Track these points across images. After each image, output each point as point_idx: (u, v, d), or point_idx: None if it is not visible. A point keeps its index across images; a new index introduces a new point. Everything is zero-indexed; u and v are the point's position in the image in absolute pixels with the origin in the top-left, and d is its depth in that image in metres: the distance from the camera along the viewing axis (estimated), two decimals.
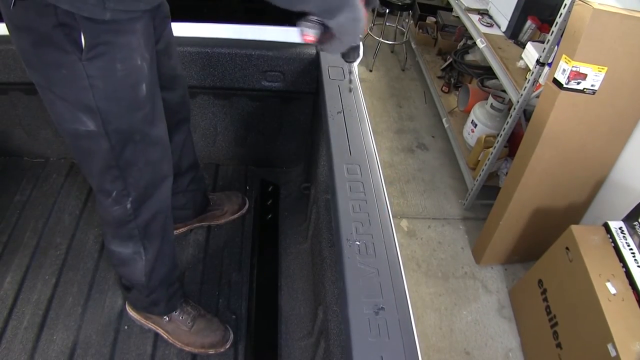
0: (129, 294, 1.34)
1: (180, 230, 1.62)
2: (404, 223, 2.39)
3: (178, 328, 1.33)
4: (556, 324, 1.67)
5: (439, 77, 3.20)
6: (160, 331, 1.35)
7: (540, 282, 1.81)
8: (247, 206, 1.73)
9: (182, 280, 1.44)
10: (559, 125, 1.66)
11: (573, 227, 1.62)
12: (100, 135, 0.92)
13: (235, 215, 1.70)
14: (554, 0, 2.16)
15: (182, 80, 1.29)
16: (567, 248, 1.63)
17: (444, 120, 2.88)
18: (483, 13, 2.61)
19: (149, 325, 1.36)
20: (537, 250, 1.91)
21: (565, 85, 1.56)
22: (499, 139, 2.10)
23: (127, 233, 1.12)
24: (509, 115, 2.01)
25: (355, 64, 1.45)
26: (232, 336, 1.37)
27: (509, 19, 2.39)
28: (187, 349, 1.33)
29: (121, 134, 0.96)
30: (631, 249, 1.53)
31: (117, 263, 1.22)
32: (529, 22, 2.30)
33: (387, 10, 3.40)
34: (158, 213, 1.13)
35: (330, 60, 1.39)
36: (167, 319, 1.33)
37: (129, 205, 1.06)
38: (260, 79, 1.52)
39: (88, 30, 0.80)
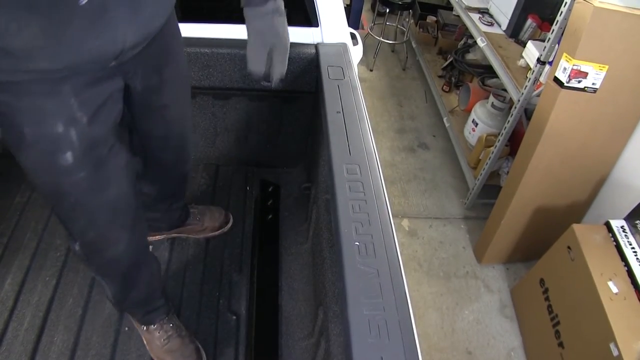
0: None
1: (156, 238, 1.57)
2: (405, 222, 2.39)
3: (153, 340, 1.30)
4: (558, 323, 1.66)
5: (440, 76, 3.19)
6: (140, 333, 1.34)
7: (542, 281, 1.80)
8: (230, 224, 1.66)
9: (167, 296, 1.35)
10: (560, 124, 1.65)
11: (575, 226, 1.61)
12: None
13: (216, 232, 1.63)
14: None
15: (175, 140, 1.19)
16: (568, 247, 1.62)
17: (444, 119, 2.87)
18: (483, 12, 2.60)
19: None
20: (538, 249, 1.91)
21: (566, 84, 1.55)
22: (500, 138, 2.09)
23: (87, 265, 1.09)
24: (510, 114, 2.01)
25: (355, 63, 1.45)
26: None
27: (509, 17, 2.38)
28: None
29: (48, 193, 0.88)
30: (633, 248, 1.53)
31: (94, 273, 1.21)
32: (529, 21, 2.29)
33: (388, 10, 3.39)
34: (113, 263, 1.07)
35: (329, 60, 1.38)
36: (145, 327, 1.31)
37: (77, 248, 1.01)
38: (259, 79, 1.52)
39: None
